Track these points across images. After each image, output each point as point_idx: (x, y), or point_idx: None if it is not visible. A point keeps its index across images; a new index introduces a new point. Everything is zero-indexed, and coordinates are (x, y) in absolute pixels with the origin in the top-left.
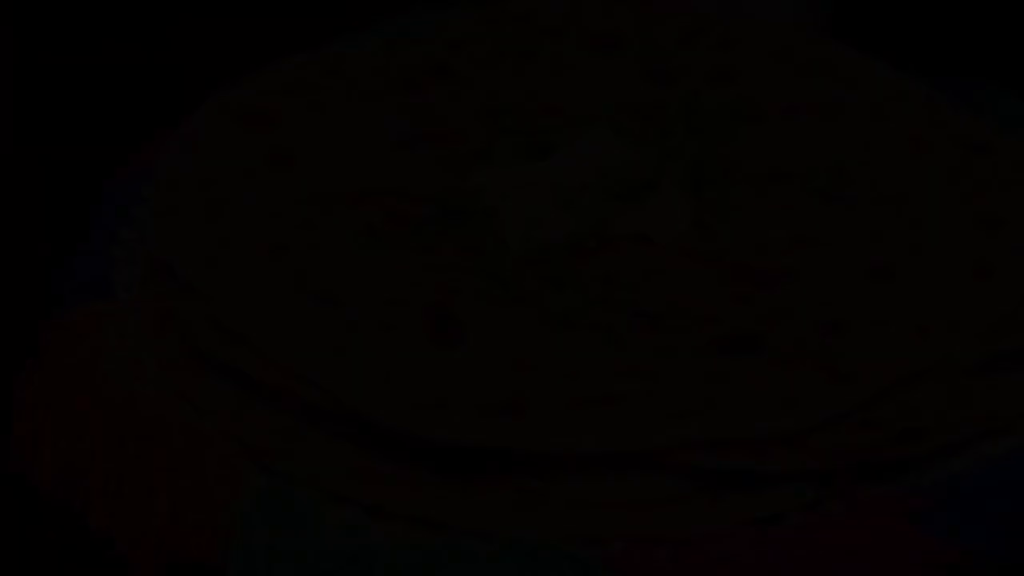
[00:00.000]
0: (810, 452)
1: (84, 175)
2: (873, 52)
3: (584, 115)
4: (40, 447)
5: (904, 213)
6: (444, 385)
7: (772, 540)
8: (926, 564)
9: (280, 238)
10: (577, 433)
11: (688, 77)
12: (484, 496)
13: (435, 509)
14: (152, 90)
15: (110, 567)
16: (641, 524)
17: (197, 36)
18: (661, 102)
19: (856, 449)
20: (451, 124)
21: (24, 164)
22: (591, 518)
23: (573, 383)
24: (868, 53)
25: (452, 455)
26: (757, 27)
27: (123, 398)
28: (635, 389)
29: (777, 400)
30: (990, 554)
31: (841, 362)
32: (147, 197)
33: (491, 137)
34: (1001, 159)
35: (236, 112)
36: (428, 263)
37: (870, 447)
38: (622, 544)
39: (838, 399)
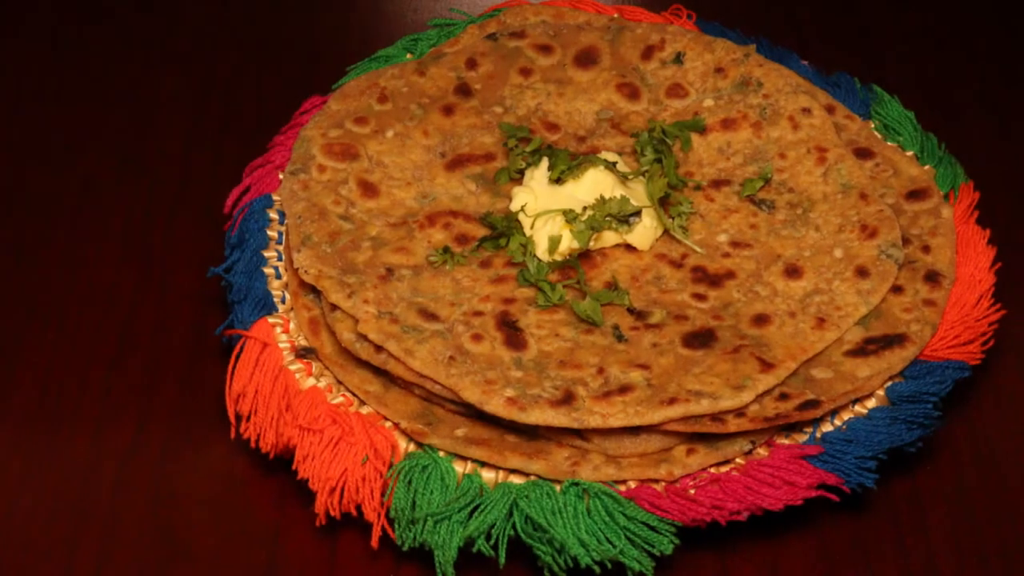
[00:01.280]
0: (748, 419)
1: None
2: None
3: (576, 133)
4: (259, 423)
5: (810, 219)
6: (521, 383)
7: (724, 477)
8: (813, 487)
9: (387, 261)
10: (606, 415)
11: (651, 91)
12: (551, 453)
13: (520, 462)
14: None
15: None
16: (646, 469)
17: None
18: (632, 116)
19: (775, 416)
20: (480, 146)
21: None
22: (616, 466)
23: (600, 376)
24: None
25: (531, 427)
26: (702, 41)
27: (308, 388)
28: (640, 381)
29: (728, 387)
30: (850, 480)
31: (765, 352)
32: (270, 220)
33: (514, 159)
34: (882, 162)
35: (320, 143)
36: (489, 276)
37: (784, 414)
38: (635, 483)
39: (765, 382)
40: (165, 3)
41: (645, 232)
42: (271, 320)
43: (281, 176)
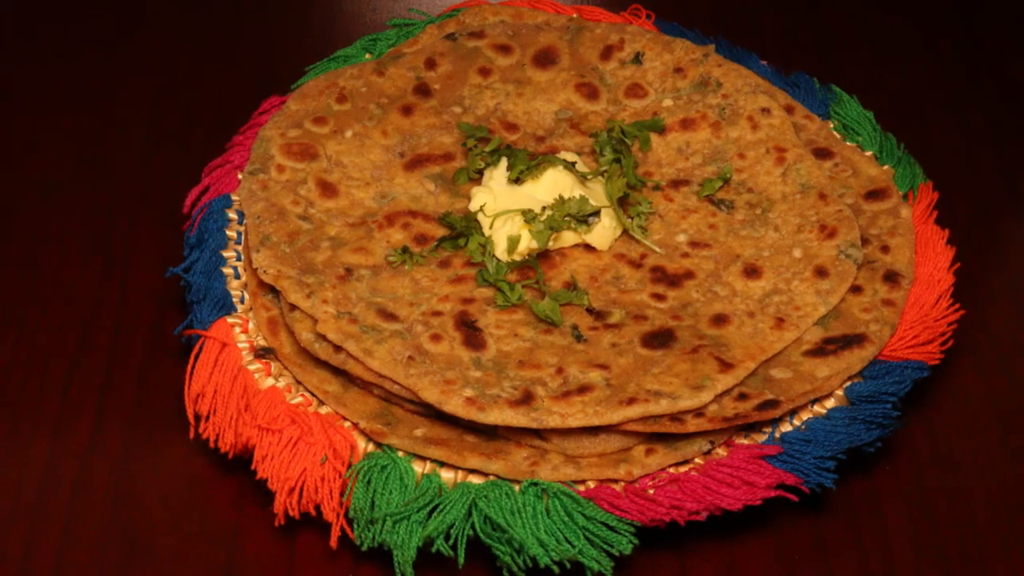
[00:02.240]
0: (707, 419)
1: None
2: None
3: (535, 133)
4: (218, 423)
5: (769, 219)
6: (480, 383)
7: (683, 477)
8: (772, 487)
9: (345, 261)
10: (565, 415)
11: (609, 91)
12: (510, 453)
13: (479, 462)
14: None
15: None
16: (605, 469)
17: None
18: (591, 116)
19: (734, 416)
20: (439, 146)
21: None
22: (575, 466)
23: (559, 376)
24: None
25: (490, 427)
26: (661, 41)
27: (267, 388)
28: (599, 381)
29: (687, 387)
30: (809, 479)
31: (724, 352)
32: (229, 220)
33: (473, 159)
34: (841, 162)
35: (279, 144)
36: (447, 276)
37: (743, 414)
38: (594, 483)
39: (724, 382)
40: (126, 4)
41: (604, 232)
42: (230, 320)
43: (240, 176)
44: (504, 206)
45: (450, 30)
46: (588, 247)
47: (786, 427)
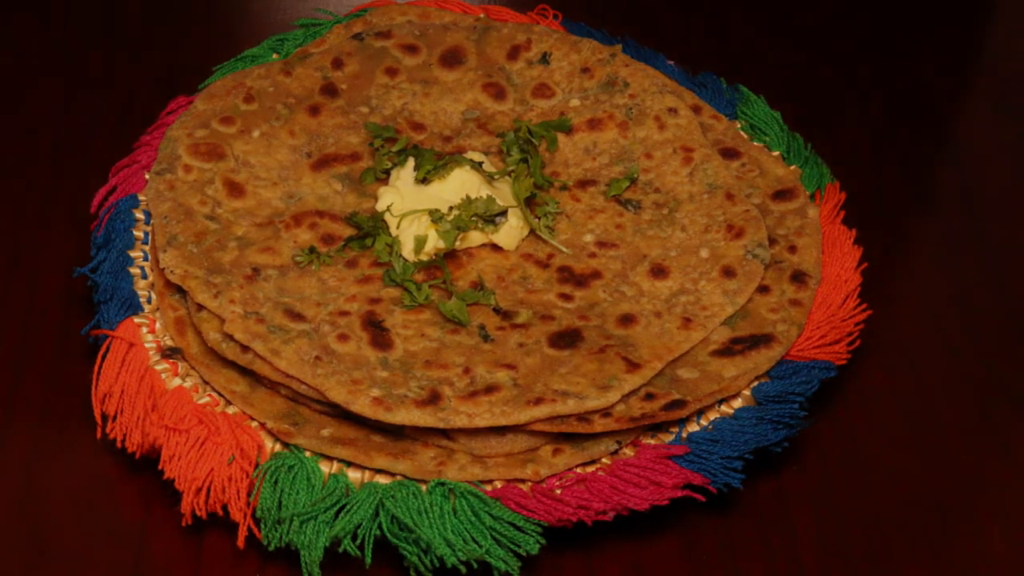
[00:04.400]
0: (614, 419)
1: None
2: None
3: (442, 133)
4: (125, 423)
5: (676, 219)
6: (387, 383)
7: (590, 477)
8: (679, 487)
9: (253, 261)
10: (472, 415)
11: (517, 91)
12: (417, 453)
13: (386, 462)
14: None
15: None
16: (512, 469)
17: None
18: (498, 116)
19: (641, 416)
20: (346, 146)
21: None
22: (483, 466)
23: (466, 376)
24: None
25: (397, 427)
26: (568, 41)
27: (174, 388)
28: (506, 381)
29: (594, 387)
30: (716, 479)
31: (632, 352)
32: (136, 221)
33: (380, 159)
34: (748, 162)
35: (186, 143)
36: (355, 276)
37: (650, 414)
38: (501, 483)
39: (631, 382)
40: (32, 2)
41: (511, 232)
42: (137, 320)
43: (147, 176)
44: (411, 206)
45: (357, 30)
46: (495, 247)
47: (693, 427)
